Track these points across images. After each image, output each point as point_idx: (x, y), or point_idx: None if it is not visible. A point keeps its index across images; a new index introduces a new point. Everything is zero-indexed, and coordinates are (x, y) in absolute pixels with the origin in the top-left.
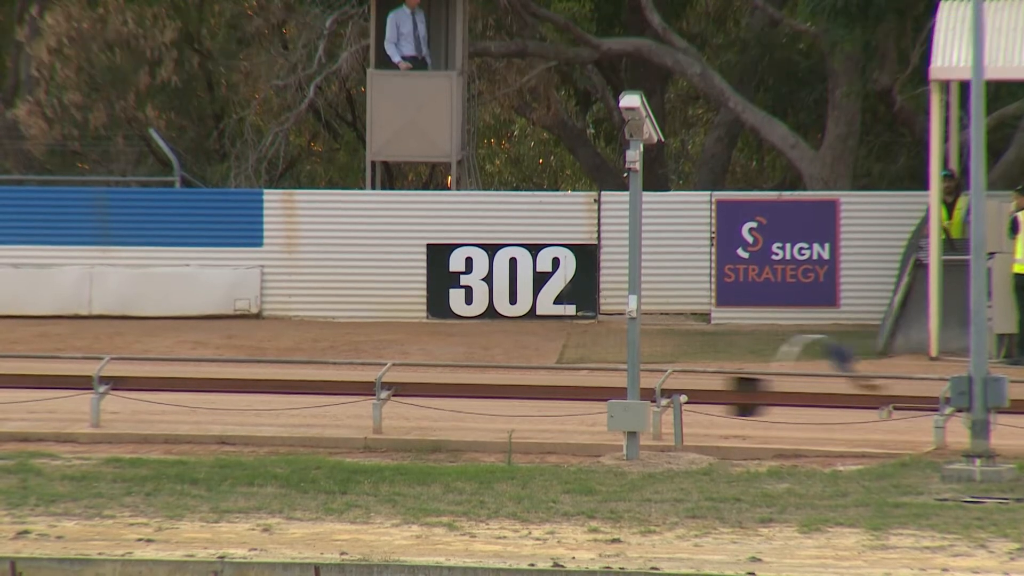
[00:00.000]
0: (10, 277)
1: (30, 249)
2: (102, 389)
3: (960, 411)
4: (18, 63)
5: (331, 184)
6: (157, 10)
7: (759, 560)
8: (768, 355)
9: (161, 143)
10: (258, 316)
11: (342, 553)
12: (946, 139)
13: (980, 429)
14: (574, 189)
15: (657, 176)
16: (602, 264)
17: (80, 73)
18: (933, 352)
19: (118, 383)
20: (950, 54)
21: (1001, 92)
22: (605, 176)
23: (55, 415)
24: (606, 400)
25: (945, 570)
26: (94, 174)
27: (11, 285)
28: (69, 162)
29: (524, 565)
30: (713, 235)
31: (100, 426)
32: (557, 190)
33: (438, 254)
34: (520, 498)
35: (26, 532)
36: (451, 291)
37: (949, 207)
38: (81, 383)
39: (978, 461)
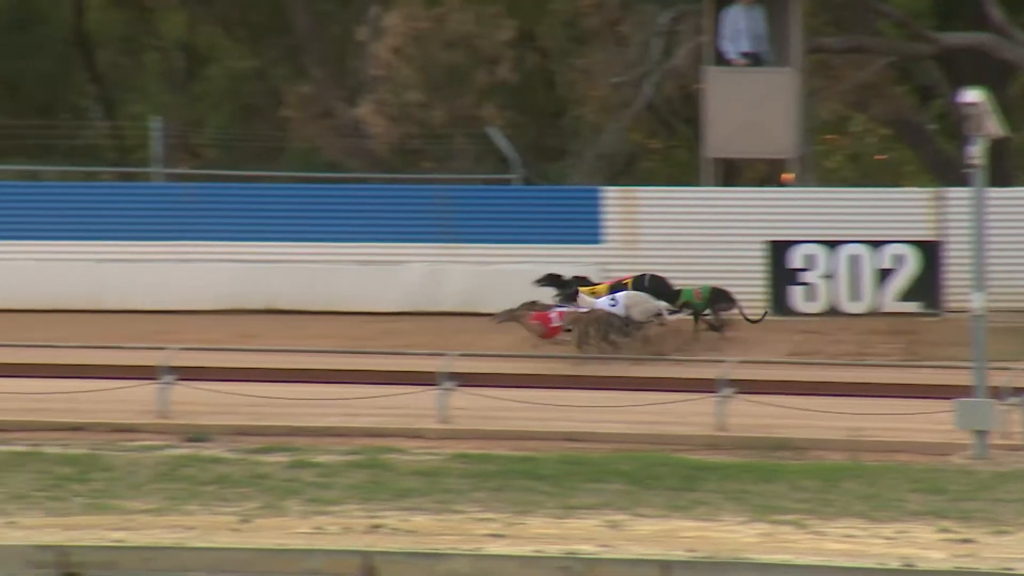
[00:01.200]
0: (356, 274)
1: (376, 246)
2: (448, 385)
3: None
4: (360, 63)
5: (669, 181)
6: (495, 9)
7: None
8: None
9: (500, 141)
10: None
11: (689, 550)
12: None
13: None
14: (916, 186)
15: (1002, 171)
16: (946, 261)
17: (421, 72)
18: None
19: (463, 379)
20: None
21: None
22: (947, 172)
23: (403, 411)
24: (952, 398)
25: None
26: (436, 172)
27: (358, 282)
28: (412, 160)
29: (873, 564)
30: None
31: (447, 422)
32: (898, 187)
33: (779, 251)
34: (867, 497)
35: (379, 526)
36: (792, 288)
37: None
38: (426, 379)
39: None
